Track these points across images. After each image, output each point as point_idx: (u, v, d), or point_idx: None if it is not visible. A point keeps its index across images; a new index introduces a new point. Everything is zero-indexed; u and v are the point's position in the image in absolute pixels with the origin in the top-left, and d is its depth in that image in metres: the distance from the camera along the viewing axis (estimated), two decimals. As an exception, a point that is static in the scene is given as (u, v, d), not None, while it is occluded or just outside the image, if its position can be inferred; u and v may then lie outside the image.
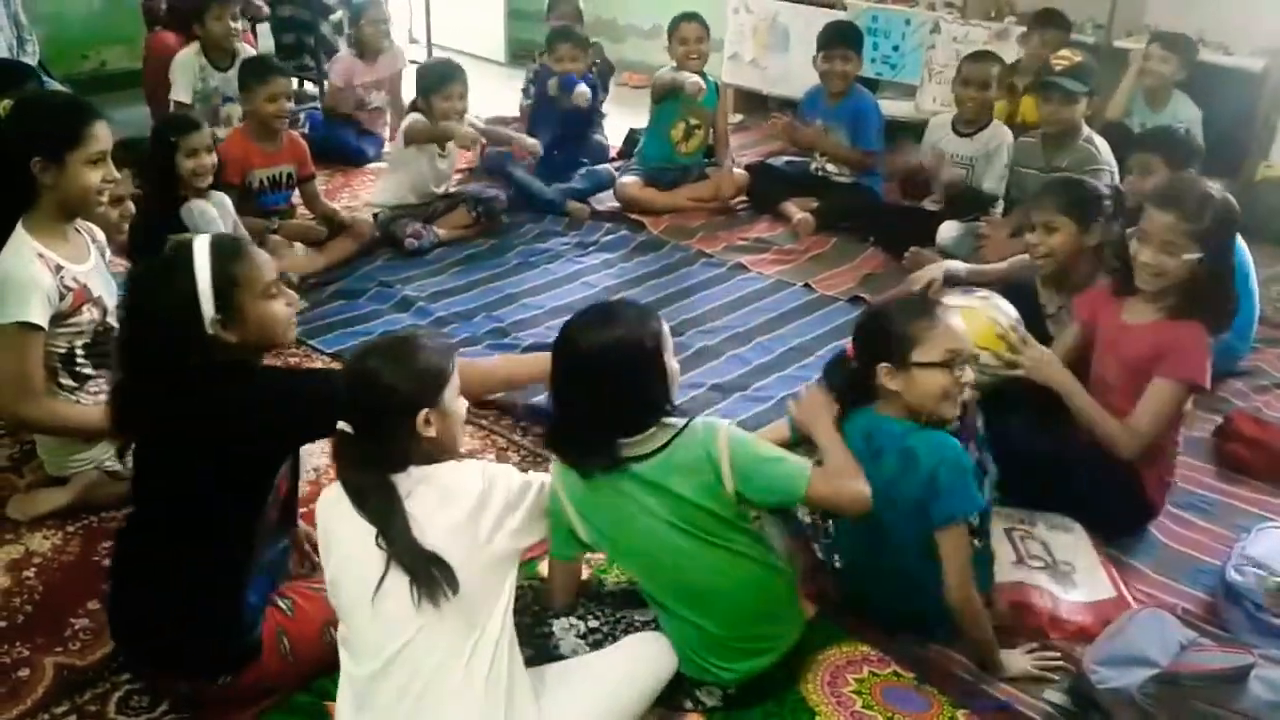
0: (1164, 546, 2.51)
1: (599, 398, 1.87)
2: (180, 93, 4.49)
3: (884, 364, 2.04)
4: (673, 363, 1.92)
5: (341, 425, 1.77)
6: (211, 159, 3.38)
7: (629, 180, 4.66)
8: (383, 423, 1.76)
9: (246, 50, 4.66)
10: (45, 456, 2.52)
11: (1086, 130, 3.74)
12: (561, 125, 4.67)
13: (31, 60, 5.02)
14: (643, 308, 1.98)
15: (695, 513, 1.87)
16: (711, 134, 4.78)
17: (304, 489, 2.57)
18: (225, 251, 1.90)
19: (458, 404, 1.85)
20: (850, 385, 2.14)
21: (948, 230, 4.03)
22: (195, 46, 4.53)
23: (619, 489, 1.88)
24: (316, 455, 2.73)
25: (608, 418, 1.88)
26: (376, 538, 1.70)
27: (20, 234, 2.33)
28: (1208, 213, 2.28)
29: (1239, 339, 3.26)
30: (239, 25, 4.54)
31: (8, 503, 2.51)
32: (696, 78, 4.43)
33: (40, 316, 2.29)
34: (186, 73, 4.49)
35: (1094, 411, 2.37)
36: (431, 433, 1.77)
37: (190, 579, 1.86)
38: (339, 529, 1.77)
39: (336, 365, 3.20)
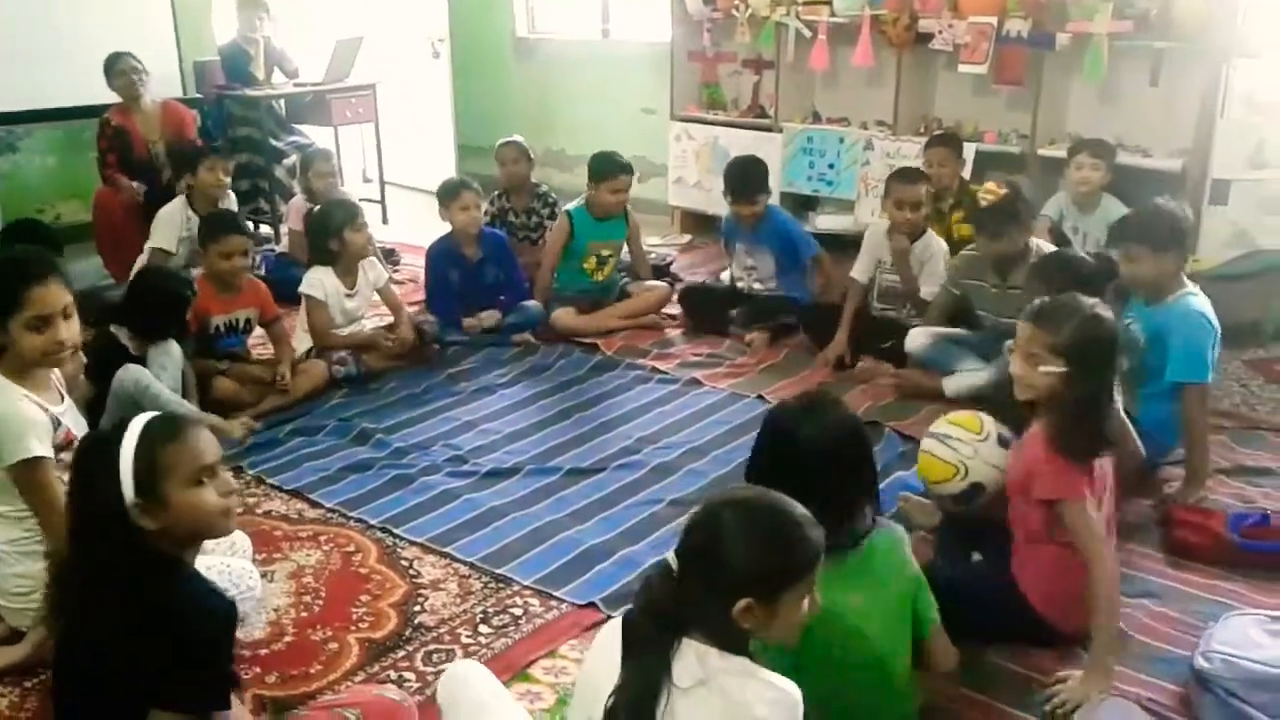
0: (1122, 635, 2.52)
1: (841, 481, 1.97)
2: (160, 241, 4.70)
3: None
4: None
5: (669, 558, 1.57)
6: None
7: (562, 312, 4.74)
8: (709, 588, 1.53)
9: (230, 201, 4.88)
10: (3, 603, 2.48)
11: (1034, 244, 3.78)
12: (462, 283, 4.70)
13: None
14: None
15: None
16: (628, 255, 5.00)
17: (264, 630, 2.56)
18: (155, 433, 1.79)
19: (797, 609, 1.57)
20: None
21: (918, 338, 3.98)
22: (182, 200, 4.76)
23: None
24: (277, 595, 2.72)
25: (845, 499, 1.98)
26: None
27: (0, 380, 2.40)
28: (1067, 328, 2.34)
29: (1167, 432, 3.19)
30: (227, 180, 4.84)
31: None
32: None
33: (42, 449, 2.34)
34: (172, 225, 4.72)
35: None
36: (746, 625, 1.54)
37: None
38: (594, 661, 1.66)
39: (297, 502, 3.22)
